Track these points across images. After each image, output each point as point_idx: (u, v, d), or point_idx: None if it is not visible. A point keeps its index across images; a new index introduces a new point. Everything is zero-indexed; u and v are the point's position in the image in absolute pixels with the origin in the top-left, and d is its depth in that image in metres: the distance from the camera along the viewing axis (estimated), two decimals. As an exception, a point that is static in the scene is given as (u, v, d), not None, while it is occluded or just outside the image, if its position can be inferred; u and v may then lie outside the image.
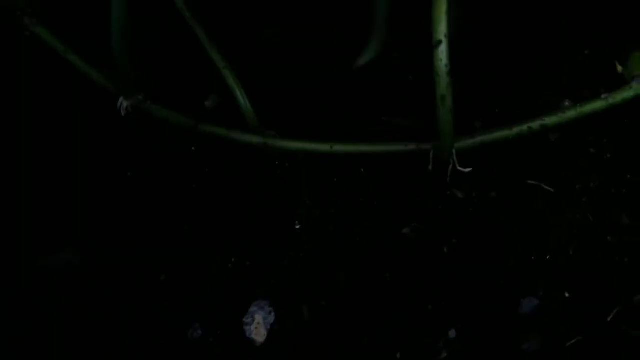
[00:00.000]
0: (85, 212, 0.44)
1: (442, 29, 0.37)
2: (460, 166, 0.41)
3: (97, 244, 0.42)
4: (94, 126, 0.46)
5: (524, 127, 0.42)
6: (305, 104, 0.47)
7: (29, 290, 0.40)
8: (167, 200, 0.43)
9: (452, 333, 0.38)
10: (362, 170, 0.44)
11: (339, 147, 0.44)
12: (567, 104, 0.43)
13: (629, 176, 0.41)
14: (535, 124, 0.42)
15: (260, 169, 0.45)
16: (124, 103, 0.46)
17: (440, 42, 0.37)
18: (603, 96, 0.41)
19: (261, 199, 0.44)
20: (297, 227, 0.42)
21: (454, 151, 0.41)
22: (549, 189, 0.41)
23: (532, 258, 0.39)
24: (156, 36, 0.48)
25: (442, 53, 0.37)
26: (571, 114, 0.42)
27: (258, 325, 0.39)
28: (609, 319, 0.37)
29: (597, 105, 0.41)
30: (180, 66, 0.48)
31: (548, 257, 0.39)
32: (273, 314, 0.39)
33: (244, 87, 0.44)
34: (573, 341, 0.37)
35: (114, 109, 0.45)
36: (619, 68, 0.43)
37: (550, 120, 0.42)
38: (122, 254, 0.41)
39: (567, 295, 0.38)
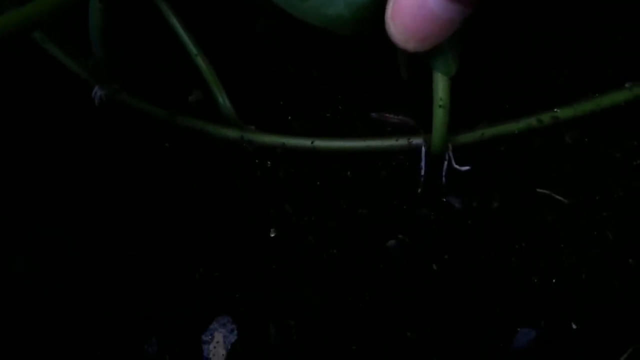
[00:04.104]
0: (44, 209, 0.41)
1: None
2: (457, 164, 0.36)
3: (57, 244, 0.39)
4: (67, 117, 0.43)
5: (533, 120, 0.36)
6: (290, 99, 0.42)
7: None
8: (134, 200, 0.40)
9: (437, 364, 0.33)
10: (348, 172, 0.39)
11: (321, 143, 0.39)
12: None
13: (660, 187, 0.35)
14: (546, 117, 0.36)
15: (238, 168, 0.41)
16: (98, 92, 0.43)
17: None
18: (627, 85, 0.35)
19: (237, 202, 0.39)
20: (272, 235, 0.38)
21: (449, 145, 0.36)
22: (562, 199, 0.35)
23: (536, 281, 0.34)
24: (140, 28, 0.45)
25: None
26: (588, 105, 0.35)
27: (217, 345, 0.35)
28: (622, 360, 0.31)
29: (619, 96, 0.35)
30: (165, 59, 0.45)
31: (554, 280, 0.33)
32: (235, 332, 0.35)
33: (227, 81, 0.40)
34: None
35: (91, 99, 0.43)
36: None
37: (563, 112, 0.35)
38: (80, 253, 0.38)
39: (574, 327, 0.32)
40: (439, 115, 0.35)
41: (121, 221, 0.39)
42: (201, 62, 0.39)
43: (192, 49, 0.39)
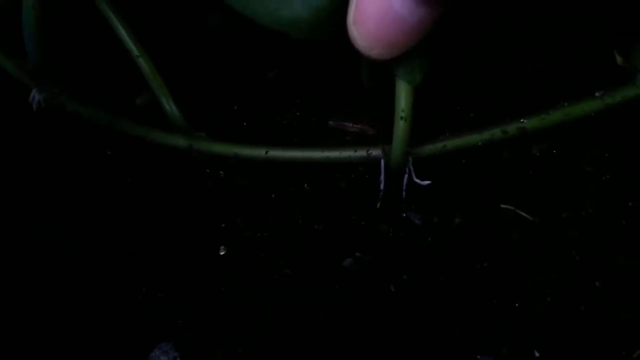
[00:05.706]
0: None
1: None
2: (417, 178, 0.34)
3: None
4: (5, 123, 0.40)
5: (497, 131, 0.34)
6: (245, 103, 0.40)
7: None
8: (73, 216, 0.37)
9: (393, 394, 0.31)
10: (305, 184, 0.37)
11: (275, 153, 0.36)
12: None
13: (631, 203, 0.33)
14: (512, 127, 0.33)
15: (186, 179, 0.38)
16: (36, 96, 0.40)
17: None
18: (597, 94, 0.33)
19: (185, 216, 0.37)
20: (222, 253, 0.36)
21: (410, 158, 0.34)
22: (527, 216, 0.33)
23: (497, 304, 0.32)
24: (81, 27, 0.42)
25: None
26: (556, 115, 0.33)
27: (158, 375, 0.32)
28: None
29: (589, 106, 0.33)
30: (110, 60, 0.42)
31: (517, 304, 0.31)
32: (178, 360, 0.33)
33: (175, 82, 0.38)
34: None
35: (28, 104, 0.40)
36: (619, 59, 0.34)
37: (530, 123, 0.33)
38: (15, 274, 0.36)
39: (536, 354, 0.30)
40: (400, 128, 0.33)
41: (53, 235, 0.36)
42: (144, 63, 0.36)
43: (134, 49, 0.36)
